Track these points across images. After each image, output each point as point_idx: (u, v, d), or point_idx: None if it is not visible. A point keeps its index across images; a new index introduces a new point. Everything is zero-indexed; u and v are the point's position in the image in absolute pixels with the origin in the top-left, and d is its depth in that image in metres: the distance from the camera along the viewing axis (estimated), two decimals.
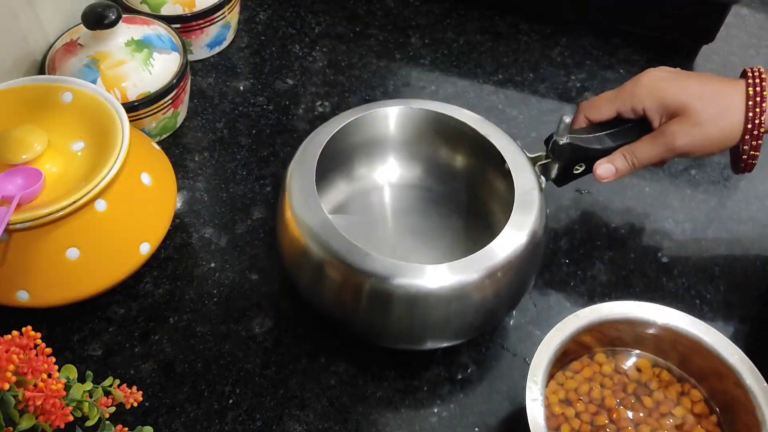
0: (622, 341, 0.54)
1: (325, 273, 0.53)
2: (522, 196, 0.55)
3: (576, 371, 0.54)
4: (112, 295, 0.61)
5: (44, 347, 0.41)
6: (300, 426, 0.56)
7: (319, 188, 0.55)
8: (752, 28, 0.89)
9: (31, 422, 0.40)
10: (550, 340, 0.51)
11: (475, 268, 0.51)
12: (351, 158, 0.65)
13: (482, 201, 0.65)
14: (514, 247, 0.53)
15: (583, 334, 0.52)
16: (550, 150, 0.60)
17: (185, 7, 0.75)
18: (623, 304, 0.53)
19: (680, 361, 0.54)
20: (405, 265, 0.51)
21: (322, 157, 0.57)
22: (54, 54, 0.69)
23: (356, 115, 0.60)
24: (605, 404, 0.52)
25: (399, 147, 0.65)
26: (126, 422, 0.53)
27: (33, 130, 0.56)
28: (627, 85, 0.60)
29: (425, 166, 0.67)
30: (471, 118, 0.61)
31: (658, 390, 0.53)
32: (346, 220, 0.64)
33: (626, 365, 0.55)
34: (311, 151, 0.57)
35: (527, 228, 0.54)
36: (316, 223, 0.53)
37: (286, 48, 0.83)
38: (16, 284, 0.55)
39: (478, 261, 0.52)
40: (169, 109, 0.70)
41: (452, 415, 0.57)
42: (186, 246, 0.66)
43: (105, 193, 0.55)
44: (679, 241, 0.68)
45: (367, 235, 0.62)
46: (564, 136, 0.58)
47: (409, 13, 0.88)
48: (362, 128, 0.62)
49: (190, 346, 0.59)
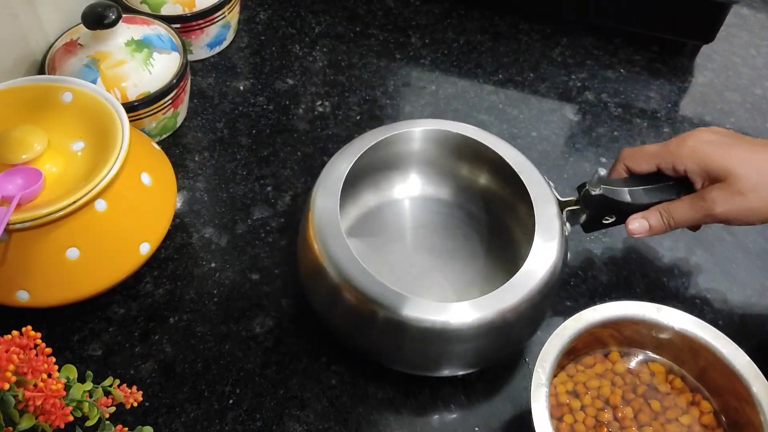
0: (640, 343, 0.54)
1: (340, 296, 0.53)
2: (544, 234, 0.55)
3: (588, 366, 0.54)
4: (112, 295, 0.61)
5: (44, 347, 0.41)
6: (300, 426, 0.55)
7: (342, 197, 0.56)
8: (752, 28, 0.89)
9: (31, 422, 0.40)
10: (563, 329, 0.51)
11: (492, 308, 0.51)
12: (376, 174, 0.65)
13: (505, 224, 0.64)
14: (529, 287, 0.52)
15: (598, 329, 0.52)
16: (581, 197, 0.59)
17: (185, 7, 0.75)
18: (642, 305, 0.53)
19: (698, 372, 0.53)
20: (421, 302, 0.51)
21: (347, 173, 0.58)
22: (54, 54, 0.69)
23: (383, 136, 0.60)
24: (612, 402, 0.52)
25: (424, 165, 0.65)
26: (126, 422, 0.53)
27: (33, 130, 0.56)
28: (672, 143, 0.58)
29: (449, 185, 0.66)
30: (504, 149, 0.60)
31: (669, 396, 0.53)
32: (365, 241, 0.64)
33: (640, 367, 0.54)
34: (337, 172, 0.58)
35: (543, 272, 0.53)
36: (336, 247, 0.53)
37: (286, 48, 0.83)
38: (16, 284, 0.55)
39: (495, 300, 0.52)
40: (169, 109, 0.70)
41: (454, 417, 0.56)
42: (186, 246, 0.65)
43: (105, 193, 0.55)
44: (679, 238, 0.68)
45: (385, 252, 0.63)
46: (597, 188, 0.57)
47: (409, 13, 0.88)
48: (388, 147, 0.62)
49: (190, 346, 0.59)
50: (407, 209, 0.67)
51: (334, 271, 0.53)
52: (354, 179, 0.59)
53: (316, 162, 0.72)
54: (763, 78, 0.84)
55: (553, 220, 0.56)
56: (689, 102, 0.81)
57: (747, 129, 0.79)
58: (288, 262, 0.65)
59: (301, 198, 0.69)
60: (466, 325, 0.51)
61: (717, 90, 0.83)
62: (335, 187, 0.57)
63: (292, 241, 0.66)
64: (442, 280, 0.62)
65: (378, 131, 0.61)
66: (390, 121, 0.76)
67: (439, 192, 0.67)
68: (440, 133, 0.62)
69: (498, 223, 0.65)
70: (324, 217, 0.55)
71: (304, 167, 0.72)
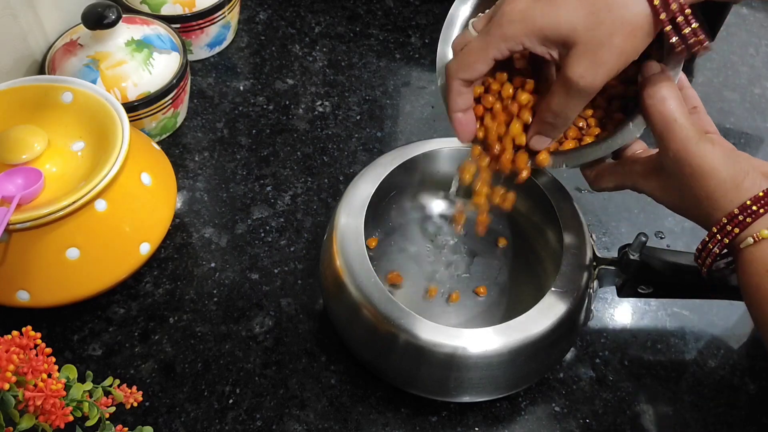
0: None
1: (360, 314, 0.53)
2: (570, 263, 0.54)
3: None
4: (112, 295, 0.61)
5: (44, 347, 0.41)
6: (300, 426, 0.56)
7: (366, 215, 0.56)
8: (752, 28, 0.89)
9: (31, 422, 0.40)
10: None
11: (515, 335, 0.51)
12: (401, 193, 0.64)
13: (533, 248, 0.63)
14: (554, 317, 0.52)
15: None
16: (619, 258, 0.55)
17: (185, 7, 0.75)
18: None
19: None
20: (440, 327, 0.51)
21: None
22: (54, 54, 0.69)
23: (410, 155, 0.60)
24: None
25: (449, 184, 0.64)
26: (126, 422, 0.54)
27: (33, 130, 0.56)
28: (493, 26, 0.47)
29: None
30: (549, 185, 0.59)
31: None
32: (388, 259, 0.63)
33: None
34: (362, 191, 0.57)
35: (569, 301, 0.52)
36: (358, 266, 0.53)
37: (286, 48, 0.83)
38: (16, 284, 0.55)
39: (518, 326, 0.51)
40: (169, 109, 0.70)
41: (452, 415, 0.57)
42: (186, 246, 0.66)
43: (105, 193, 0.55)
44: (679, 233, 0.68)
45: (407, 269, 0.63)
46: (636, 253, 0.53)
47: (409, 13, 0.88)
48: (414, 166, 0.61)
49: (190, 346, 0.59)
50: (431, 229, 0.66)
51: (355, 290, 0.53)
52: (378, 198, 0.59)
53: (316, 162, 0.72)
54: (762, 77, 0.84)
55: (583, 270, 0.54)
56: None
57: (746, 128, 0.79)
58: (288, 262, 0.65)
59: (301, 198, 0.70)
60: (487, 352, 0.50)
61: (716, 89, 0.83)
62: (360, 205, 0.56)
63: (291, 241, 0.66)
64: (464, 302, 0.61)
65: (405, 149, 0.61)
66: (390, 121, 0.77)
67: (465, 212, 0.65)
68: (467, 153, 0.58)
69: (525, 247, 0.64)
70: (347, 235, 0.55)
71: (304, 167, 0.72)
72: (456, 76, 0.50)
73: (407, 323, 0.51)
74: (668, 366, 0.60)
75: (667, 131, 0.47)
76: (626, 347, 0.61)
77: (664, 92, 0.47)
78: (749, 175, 0.46)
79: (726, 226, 0.45)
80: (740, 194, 0.45)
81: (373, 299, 0.52)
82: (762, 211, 0.44)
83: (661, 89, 0.47)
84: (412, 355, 0.51)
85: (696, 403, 0.58)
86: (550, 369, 0.58)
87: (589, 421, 0.57)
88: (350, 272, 0.53)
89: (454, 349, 0.50)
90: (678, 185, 0.48)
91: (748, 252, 0.45)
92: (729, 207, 0.45)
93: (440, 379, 0.53)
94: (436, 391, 0.54)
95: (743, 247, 0.45)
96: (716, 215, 0.46)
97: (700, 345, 0.62)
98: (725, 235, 0.46)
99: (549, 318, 0.52)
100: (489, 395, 0.55)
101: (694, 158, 0.46)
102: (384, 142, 0.75)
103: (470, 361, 0.51)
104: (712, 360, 0.61)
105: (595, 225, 0.69)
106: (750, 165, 0.46)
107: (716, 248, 0.47)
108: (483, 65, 0.48)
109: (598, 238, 0.68)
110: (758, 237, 0.44)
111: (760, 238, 0.44)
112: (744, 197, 0.45)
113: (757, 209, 0.44)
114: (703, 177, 0.46)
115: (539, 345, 0.52)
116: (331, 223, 0.57)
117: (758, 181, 0.46)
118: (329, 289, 0.56)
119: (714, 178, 0.46)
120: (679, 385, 0.59)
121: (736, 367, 0.61)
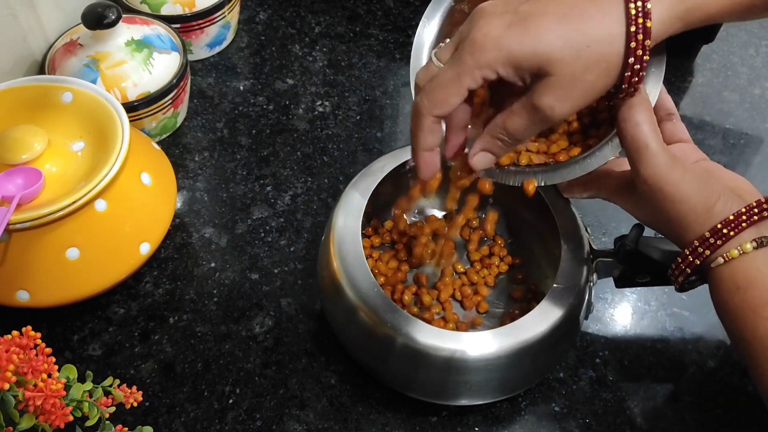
0: None
1: (356, 316, 0.53)
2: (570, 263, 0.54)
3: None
4: (112, 295, 0.61)
5: (44, 347, 0.41)
6: (300, 426, 0.56)
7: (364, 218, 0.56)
8: (752, 28, 0.89)
9: (31, 422, 0.40)
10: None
11: (513, 338, 0.51)
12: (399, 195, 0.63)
13: (532, 251, 0.63)
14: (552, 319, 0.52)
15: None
16: (616, 250, 0.56)
17: (185, 7, 0.75)
18: None
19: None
20: (437, 329, 0.51)
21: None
22: (54, 54, 0.69)
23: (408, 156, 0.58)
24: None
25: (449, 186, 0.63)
26: (126, 422, 0.54)
27: (33, 130, 0.56)
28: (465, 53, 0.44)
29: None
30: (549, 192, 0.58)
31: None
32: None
33: None
34: (359, 193, 0.57)
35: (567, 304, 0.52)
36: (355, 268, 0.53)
37: (286, 48, 0.83)
38: (16, 284, 0.55)
39: (516, 330, 0.51)
40: (169, 109, 0.70)
41: (452, 415, 0.57)
42: (186, 246, 0.66)
43: (105, 193, 0.55)
44: None
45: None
46: (633, 243, 0.54)
47: (409, 13, 0.88)
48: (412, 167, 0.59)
49: (190, 346, 0.59)
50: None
51: (352, 292, 0.52)
52: (376, 199, 0.58)
53: (316, 162, 0.72)
54: (762, 78, 0.84)
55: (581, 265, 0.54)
56: (689, 102, 0.81)
57: (746, 129, 0.79)
58: (288, 262, 0.65)
59: (301, 198, 0.70)
60: (485, 355, 0.50)
61: (716, 90, 0.83)
62: (358, 207, 0.56)
63: (291, 241, 0.66)
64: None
65: (405, 150, 0.60)
66: (390, 121, 0.77)
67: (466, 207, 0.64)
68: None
69: (525, 250, 0.64)
70: (345, 237, 0.55)
71: (304, 167, 0.72)
72: (429, 113, 0.46)
73: (405, 326, 0.51)
74: (668, 366, 0.60)
75: (639, 156, 0.47)
76: (626, 347, 0.61)
77: (638, 117, 0.47)
78: (721, 198, 0.47)
79: (697, 249, 0.46)
80: (711, 217, 0.46)
81: (370, 302, 0.52)
82: (732, 234, 0.45)
83: (636, 113, 0.47)
84: (410, 358, 0.51)
85: (696, 403, 0.58)
86: (551, 370, 0.58)
87: (589, 421, 0.57)
88: (347, 274, 0.53)
89: (452, 352, 0.50)
90: (650, 207, 0.49)
91: (719, 271, 0.46)
92: (700, 230, 0.46)
93: (438, 383, 0.53)
94: (434, 395, 0.54)
95: (714, 267, 0.46)
96: (688, 237, 0.47)
97: (700, 345, 0.62)
98: (696, 256, 0.47)
99: (551, 316, 0.52)
100: (488, 398, 0.55)
101: (665, 185, 0.46)
102: (384, 142, 0.75)
103: (469, 365, 0.51)
104: (712, 360, 0.61)
105: (594, 225, 0.69)
106: (722, 186, 0.47)
107: (688, 268, 0.48)
108: (456, 97, 0.45)
109: (597, 239, 0.68)
110: (728, 257, 0.46)
111: (729, 258, 0.46)
112: (715, 220, 0.46)
113: (728, 232, 0.45)
114: (674, 202, 0.47)
115: (540, 346, 0.51)
116: (328, 224, 0.57)
117: (729, 204, 0.46)
118: (326, 290, 0.56)
119: (685, 204, 0.46)
120: (679, 385, 0.59)
121: (736, 367, 0.61)
